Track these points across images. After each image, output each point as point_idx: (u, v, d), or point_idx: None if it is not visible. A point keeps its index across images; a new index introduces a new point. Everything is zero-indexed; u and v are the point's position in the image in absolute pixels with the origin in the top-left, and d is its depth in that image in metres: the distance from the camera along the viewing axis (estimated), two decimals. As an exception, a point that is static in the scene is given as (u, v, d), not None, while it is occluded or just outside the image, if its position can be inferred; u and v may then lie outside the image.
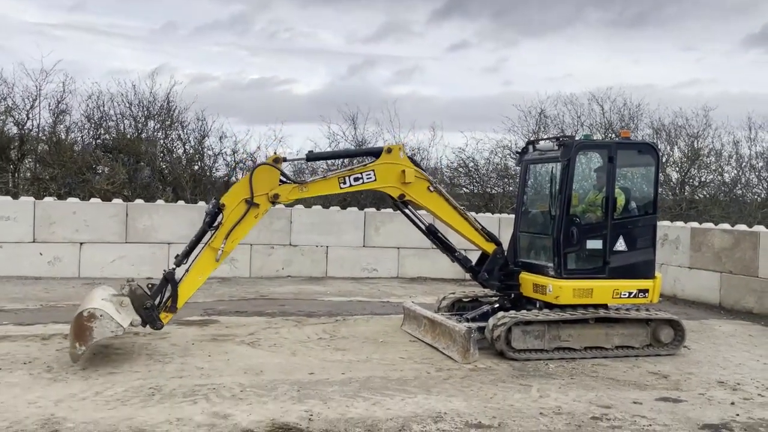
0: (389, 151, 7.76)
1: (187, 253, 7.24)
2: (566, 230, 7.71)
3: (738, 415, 5.73)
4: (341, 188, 7.68)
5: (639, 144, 9.25)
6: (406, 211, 8.18)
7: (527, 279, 8.14)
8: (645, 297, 7.95)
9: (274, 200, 7.34)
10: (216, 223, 7.24)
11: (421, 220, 8.33)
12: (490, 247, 8.21)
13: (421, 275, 14.54)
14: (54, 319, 8.72)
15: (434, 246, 8.59)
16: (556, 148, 8.04)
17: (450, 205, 8.08)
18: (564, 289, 7.62)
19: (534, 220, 8.71)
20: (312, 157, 8.13)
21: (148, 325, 7.03)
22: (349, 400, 5.72)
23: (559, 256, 7.70)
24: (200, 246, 7.30)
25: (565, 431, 5.17)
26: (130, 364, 6.65)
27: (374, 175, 7.69)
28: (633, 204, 8.21)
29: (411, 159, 8.05)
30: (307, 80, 49.76)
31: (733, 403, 6.06)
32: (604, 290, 7.80)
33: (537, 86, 46.41)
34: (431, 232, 8.33)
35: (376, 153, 7.83)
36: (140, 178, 18.47)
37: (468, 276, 8.77)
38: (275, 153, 7.49)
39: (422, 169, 8.10)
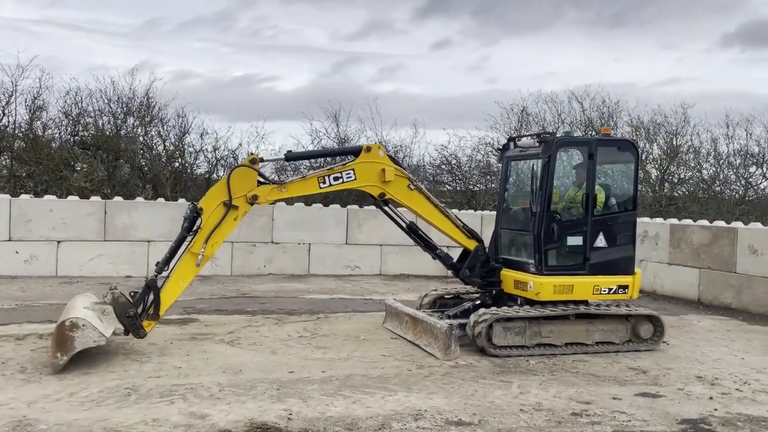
0: (368, 149, 7.72)
1: (167, 260, 7.15)
2: (547, 227, 7.72)
3: (716, 409, 5.78)
4: (321, 188, 7.61)
5: (619, 141, 9.30)
6: (387, 209, 8.15)
7: (508, 275, 8.14)
8: (625, 293, 8.00)
9: (252, 201, 7.27)
10: (195, 228, 7.14)
11: (402, 218, 8.30)
12: (471, 244, 8.21)
13: (404, 272, 14.52)
14: (29, 319, 8.57)
15: (416, 243, 8.58)
16: (536, 144, 8.04)
17: (431, 202, 8.06)
18: (544, 286, 7.63)
19: (515, 216, 8.72)
20: (291, 156, 8.06)
21: (130, 333, 6.95)
22: (329, 398, 5.67)
23: (540, 252, 7.71)
24: (180, 251, 7.21)
25: (545, 427, 5.17)
26: (107, 364, 6.54)
27: (354, 174, 7.64)
28: (613, 200, 8.25)
29: (391, 157, 8.01)
30: (291, 78, 49.56)
31: (711, 398, 6.11)
32: (584, 286, 7.82)
33: (520, 84, 46.78)
34: (412, 230, 8.31)
35: (355, 152, 7.78)
36: (119, 175, 18.21)
37: (450, 273, 8.76)
38: (252, 154, 7.36)
39: (402, 168, 8.07)
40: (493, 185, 20.48)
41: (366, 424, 5.08)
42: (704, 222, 13.06)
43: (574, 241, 7.86)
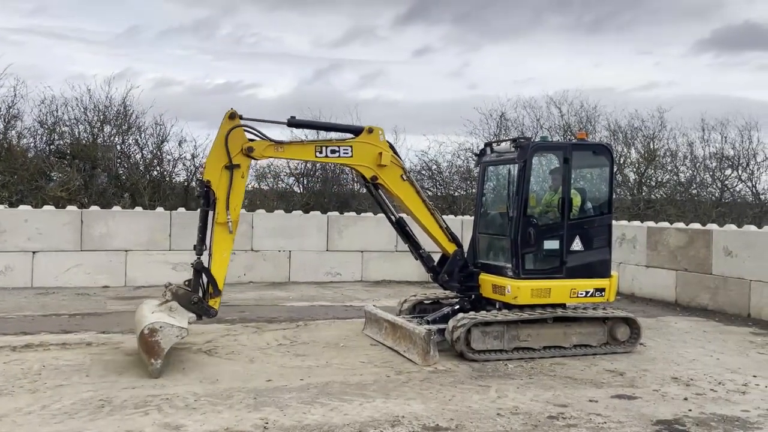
0: (370, 131, 7.80)
1: (202, 240, 7.28)
2: (523, 231, 7.76)
3: (690, 410, 5.84)
4: (317, 157, 7.68)
5: (594, 145, 9.38)
6: (378, 194, 8.11)
7: (486, 280, 8.18)
8: (602, 296, 8.07)
9: (248, 153, 7.30)
10: (211, 201, 7.22)
11: (391, 210, 8.29)
12: (451, 248, 8.22)
13: (386, 278, 14.51)
14: (2, 331, 8.42)
15: (397, 249, 8.58)
16: (512, 149, 8.10)
17: (420, 197, 8.09)
18: (522, 290, 7.67)
19: (492, 221, 8.76)
20: (293, 123, 7.89)
21: (203, 317, 7.18)
22: (306, 406, 5.64)
23: (517, 256, 7.75)
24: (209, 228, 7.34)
25: (522, 431, 5.19)
26: (80, 375, 6.44)
27: (351, 151, 7.71)
28: (589, 204, 8.33)
29: (390, 144, 8.02)
30: (273, 85, 49.50)
31: (686, 399, 6.17)
32: (561, 290, 7.88)
33: (501, 90, 47.11)
34: (400, 225, 8.31)
35: (357, 131, 7.84)
36: (96, 184, 18.01)
37: (430, 278, 8.77)
38: (231, 109, 7.41)
39: (399, 157, 8.08)
40: (474, 190, 20.57)
41: (343, 432, 5.06)
42: (680, 224, 13.23)
43: (551, 244, 7.92)
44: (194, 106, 34.81)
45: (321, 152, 7.64)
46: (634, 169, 22.63)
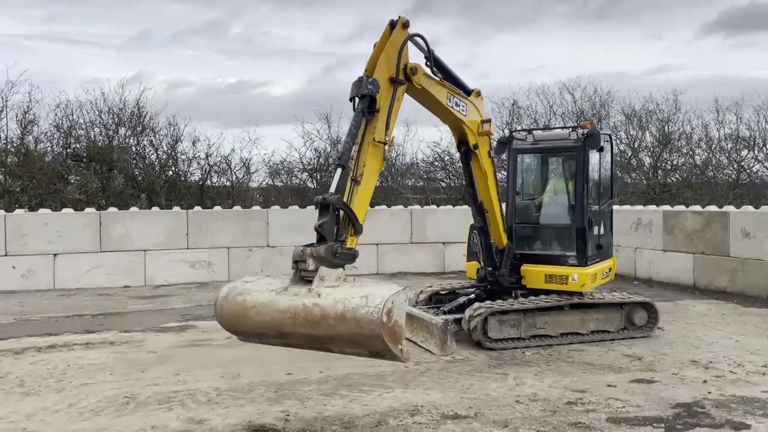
0: (478, 94, 7.64)
1: (348, 149, 5.71)
2: (587, 218, 7.85)
3: (710, 392, 5.83)
4: (446, 104, 7.13)
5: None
6: (470, 166, 7.78)
7: (535, 271, 8.01)
8: (610, 275, 8.46)
9: (411, 74, 6.34)
10: (373, 109, 5.88)
11: (477, 188, 7.88)
12: (504, 239, 8.06)
13: (401, 270, 14.54)
14: (27, 333, 8.59)
15: (411, 241, 8.53)
16: (569, 137, 8.04)
17: (495, 180, 7.91)
18: (588, 276, 7.77)
19: (543, 209, 8.57)
20: (435, 61, 6.99)
21: (354, 260, 5.53)
22: (327, 398, 5.72)
23: (585, 244, 7.81)
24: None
25: (540, 417, 5.22)
26: (105, 374, 6.57)
27: (466, 110, 7.41)
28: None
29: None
30: (284, 82, 49.67)
31: (705, 381, 6.16)
32: (600, 273, 8.13)
33: (511, 78, 46.90)
34: (480, 211, 7.94)
35: (467, 92, 7.53)
36: (113, 186, 18.24)
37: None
38: (405, 17, 6.24)
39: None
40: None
41: (363, 422, 5.12)
42: (696, 207, 13.12)
43: (597, 231, 8.14)
44: (207, 106, 35.14)
45: (450, 100, 7.16)
46: (650, 153, 22.43)
